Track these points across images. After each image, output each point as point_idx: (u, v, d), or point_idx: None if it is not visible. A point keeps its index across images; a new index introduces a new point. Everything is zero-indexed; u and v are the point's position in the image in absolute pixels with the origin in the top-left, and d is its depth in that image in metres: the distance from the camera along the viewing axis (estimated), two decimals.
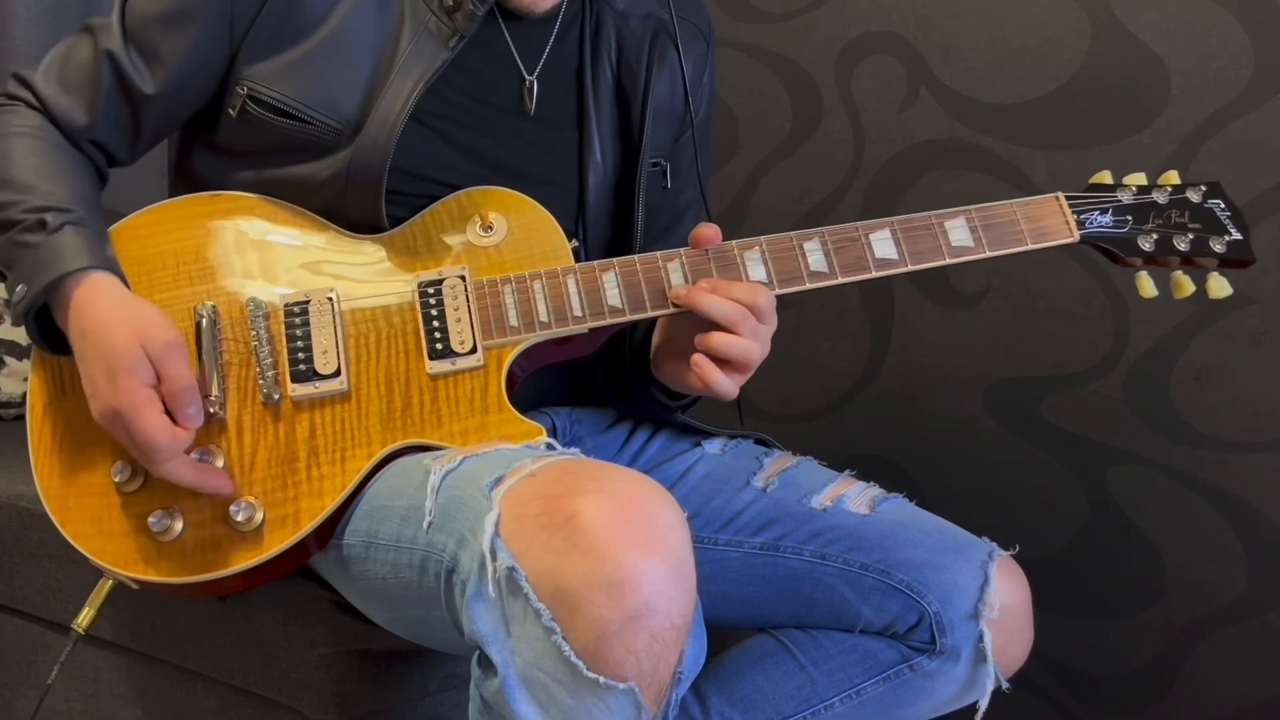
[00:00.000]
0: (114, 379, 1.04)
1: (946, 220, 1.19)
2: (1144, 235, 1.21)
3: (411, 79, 1.17)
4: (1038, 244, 1.20)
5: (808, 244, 1.17)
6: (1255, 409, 1.64)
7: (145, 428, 1.03)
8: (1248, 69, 1.61)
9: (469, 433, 1.11)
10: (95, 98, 1.19)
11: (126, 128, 1.21)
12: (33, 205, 1.10)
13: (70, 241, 1.09)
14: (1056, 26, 1.74)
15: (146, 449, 1.04)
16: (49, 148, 1.17)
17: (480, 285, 1.15)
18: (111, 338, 1.05)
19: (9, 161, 1.14)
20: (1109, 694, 1.77)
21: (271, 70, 1.18)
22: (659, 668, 0.90)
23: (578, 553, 0.88)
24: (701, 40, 1.37)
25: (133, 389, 1.04)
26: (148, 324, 1.06)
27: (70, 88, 1.19)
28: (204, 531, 1.09)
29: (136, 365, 1.04)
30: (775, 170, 2.01)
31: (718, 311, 1.12)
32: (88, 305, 1.08)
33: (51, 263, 1.08)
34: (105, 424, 1.06)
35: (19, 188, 1.12)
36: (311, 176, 1.18)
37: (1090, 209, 1.22)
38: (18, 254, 1.09)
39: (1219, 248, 1.21)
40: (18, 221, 1.10)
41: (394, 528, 1.05)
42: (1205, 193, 1.23)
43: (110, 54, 1.18)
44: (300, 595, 1.23)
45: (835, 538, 1.20)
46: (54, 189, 1.12)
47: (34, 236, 1.09)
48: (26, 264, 1.09)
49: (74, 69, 1.20)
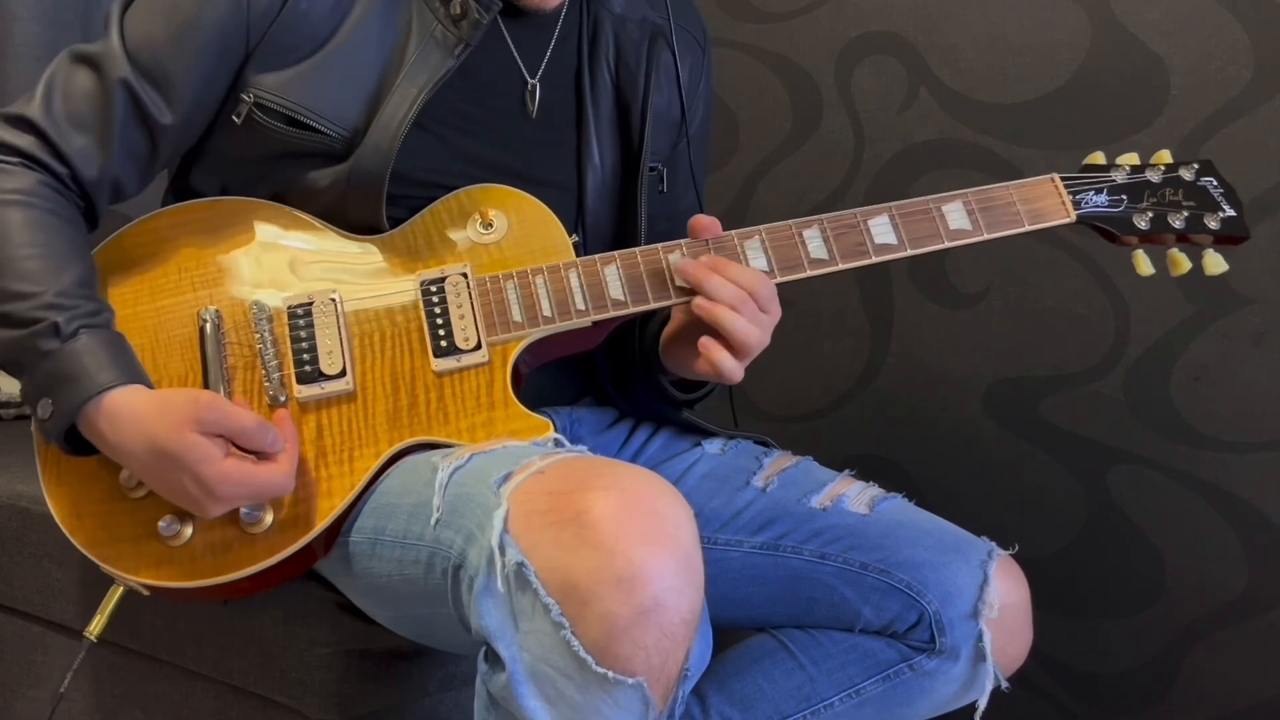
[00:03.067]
0: (198, 476, 1.02)
1: (944, 204, 1.20)
2: (1139, 214, 1.22)
3: (416, 86, 1.17)
4: (1035, 225, 1.21)
5: (807, 231, 1.18)
6: (1255, 409, 1.64)
7: (263, 484, 1.04)
8: (1248, 69, 1.61)
9: (476, 429, 1.11)
10: (109, 132, 1.14)
11: (142, 159, 1.17)
12: (44, 303, 1.06)
13: (91, 351, 1.05)
14: (1056, 26, 1.74)
15: (278, 493, 1.06)
16: (45, 221, 1.11)
17: (483, 282, 1.15)
18: (167, 443, 1.02)
19: (7, 240, 1.09)
20: (1109, 694, 1.77)
21: (280, 79, 1.17)
22: (667, 663, 0.90)
23: (587, 548, 0.89)
24: (697, 48, 1.38)
25: (224, 471, 1.02)
26: (185, 408, 1.03)
27: (84, 127, 1.14)
28: (214, 535, 1.08)
29: (207, 452, 1.02)
30: (775, 170, 2.01)
31: (722, 294, 1.12)
32: (126, 422, 1.04)
33: (79, 379, 1.04)
34: (216, 510, 1.05)
35: (20, 275, 1.07)
36: (314, 183, 1.18)
37: (1085, 189, 1.23)
38: (30, 360, 1.05)
39: (1213, 224, 1.22)
40: (29, 321, 1.05)
41: (401, 524, 1.05)
42: (1198, 171, 1.24)
43: (125, 83, 1.13)
44: (301, 595, 1.23)
45: (835, 537, 1.20)
46: (61, 278, 1.07)
47: (46, 343, 1.04)
48: (44, 374, 1.05)
49: (79, 104, 1.14)
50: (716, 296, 1.12)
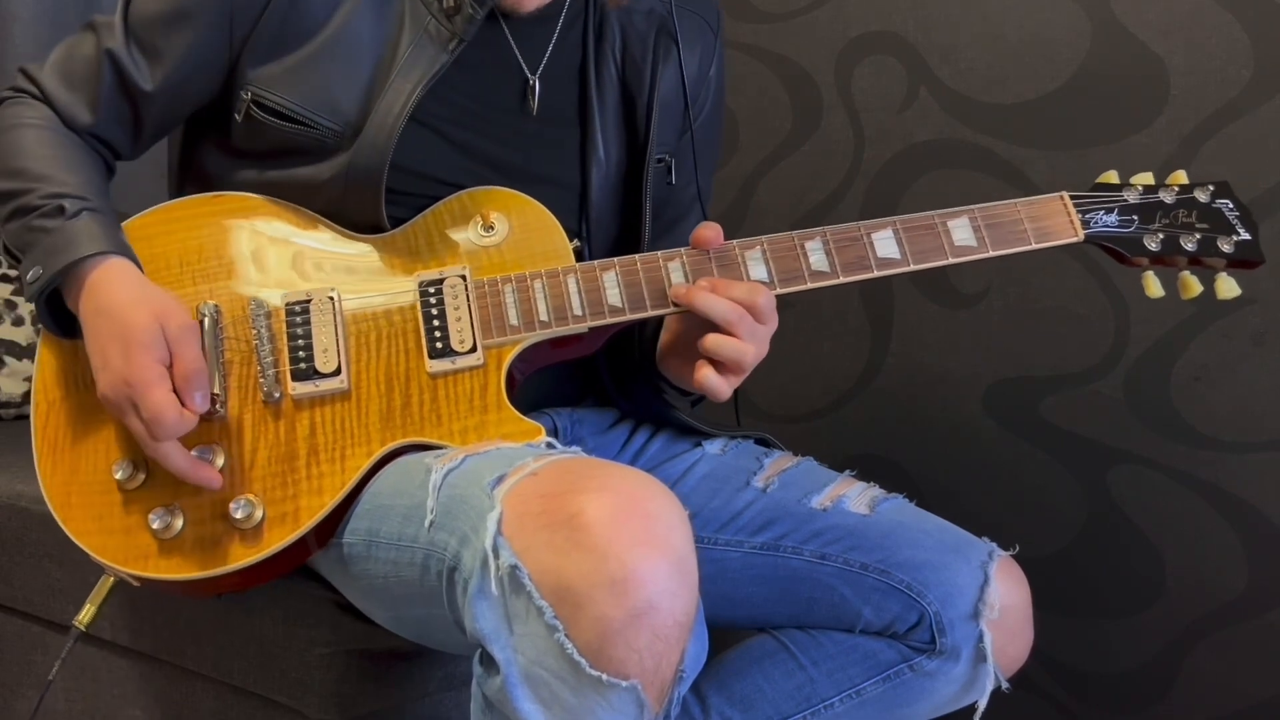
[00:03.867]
0: (129, 353, 1.05)
1: (950, 220, 1.19)
2: (1150, 235, 1.20)
3: (411, 81, 1.17)
4: (1041, 244, 1.19)
5: (809, 243, 1.17)
6: (1255, 409, 1.64)
7: (154, 402, 1.04)
8: (1248, 69, 1.61)
9: (468, 432, 1.11)
10: (97, 94, 1.20)
11: (128, 124, 1.23)
12: (50, 192, 1.12)
13: (88, 227, 1.11)
14: (1056, 26, 1.74)
15: (152, 423, 1.04)
16: (61, 139, 1.19)
17: (481, 285, 1.15)
18: (130, 315, 1.06)
19: (23, 151, 1.16)
20: (1109, 694, 1.77)
21: (273, 74, 1.18)
22: (661, 665, 0.90)
23: (580, 551, 0.88)
24: (709, 33, 1.37)
25: (146, 364, 1.05)
26: (167, 307, 1.08)
27: (73, 84, 1.21)
28: (204, 529, 1.09)
29: (153, 342, 1.05)
30: (775, 170, 2.01)
31: (715, 311, 1.12)
32: (105, 286, 1.09)
33: (69, 246, 1.09)
34: (112, 397, 1.07)
35: (35, 176, 1.14)
36: (313, 178, 1.19)
37: (1095, 208, 1.21)
38: (34, 238, 1.11)
39: (1227, 248, 1.20)
40: (35, 207, 1.12)
41: (395, 526, 1.05)
42: (1213, 192, 1.22)
43: (111, 52, 1.20)
44: (300, 595, 1.23)
45: (835, 538, 1.20)
46: (69, 178, 1.14)
47: (51, 222, 1.11)
48: (42, 248, 1.10)
49: (76, 65, 1.21)
50: (711, 314, 1.12)
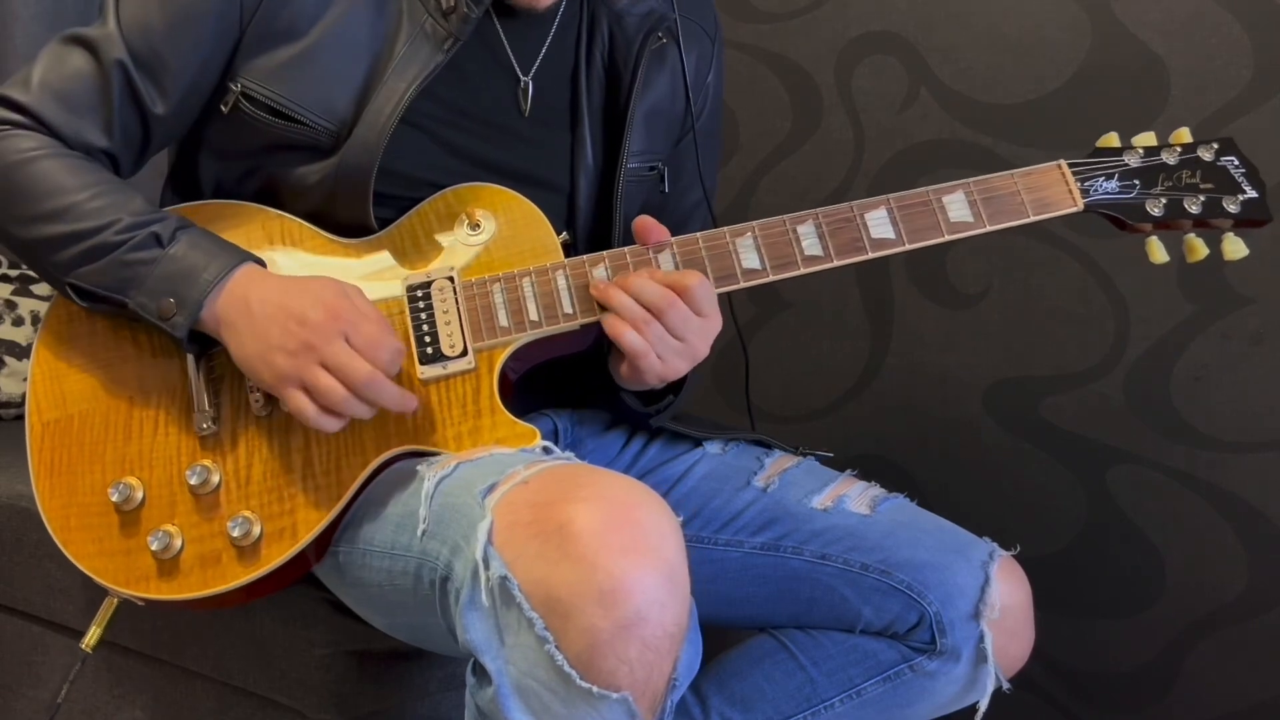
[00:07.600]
0: (305, 322, 1.03)
1: (944, 195, 1.16)
2: (1152, 199, 1.16)
3: (405, 81, 1.15)
4: (1040, 215, 1.16)
5: (801, 226, 1.15)
6: (1255, 409, 1.64)
7: (365, 333, 1.03)
8: (1248, 69, 1.61)
9: (462, 437, 1.10)
10: (109, 114, 1.13)
11: (135, 143, 1.17)
12: (129, 224, 1.07)
13: (197, 245, 1.08)
14: (1056, 27, 1.74)
15: (368, 347, 1.04)
16: (83, 164, 1.12)
17: (469, 285, 1.14)
18: (296, 297, 1.05)
19: (58, 189, 1.09)
20: (1109, 694, 1.77)
21: (265, 67, 1.15)
22: (653, 676, 0.90)
23: (569, 561, 0.88)
24: (706, 39, 1.35)
25: (327, 326, 1.03)
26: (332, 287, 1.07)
27: (76, 106, 1.12)
28: (203, 547, 1.08)
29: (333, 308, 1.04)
30: (775, 170, 2.01)
31: (621, 308, 1.10)
32: (258, 282, 1.07)
33: (194, 271, 1.06)
34: (287, 368, 1.04)
35: (92, 212, 1.08)
36: (302, 178, 1.17)
37: (1094, 175, 1.18)
38: (136, 273, 1.07)
39: (1233, 208, 1.16)
40: (120, 243, 1.07)
41: (389, 535, 1.04)
42: (1218, 150, 1.18)
43: (121, 64, 1.12)
44: (300, 596, 1.22)
45: (835, 538, 1.20)
46: (133, 204, 1.10)
47: (149, 253, 1.07)
48: (155, 280, 1.06)
49: (73, 84, 1.13)
50: (620, 312, 1.11)
